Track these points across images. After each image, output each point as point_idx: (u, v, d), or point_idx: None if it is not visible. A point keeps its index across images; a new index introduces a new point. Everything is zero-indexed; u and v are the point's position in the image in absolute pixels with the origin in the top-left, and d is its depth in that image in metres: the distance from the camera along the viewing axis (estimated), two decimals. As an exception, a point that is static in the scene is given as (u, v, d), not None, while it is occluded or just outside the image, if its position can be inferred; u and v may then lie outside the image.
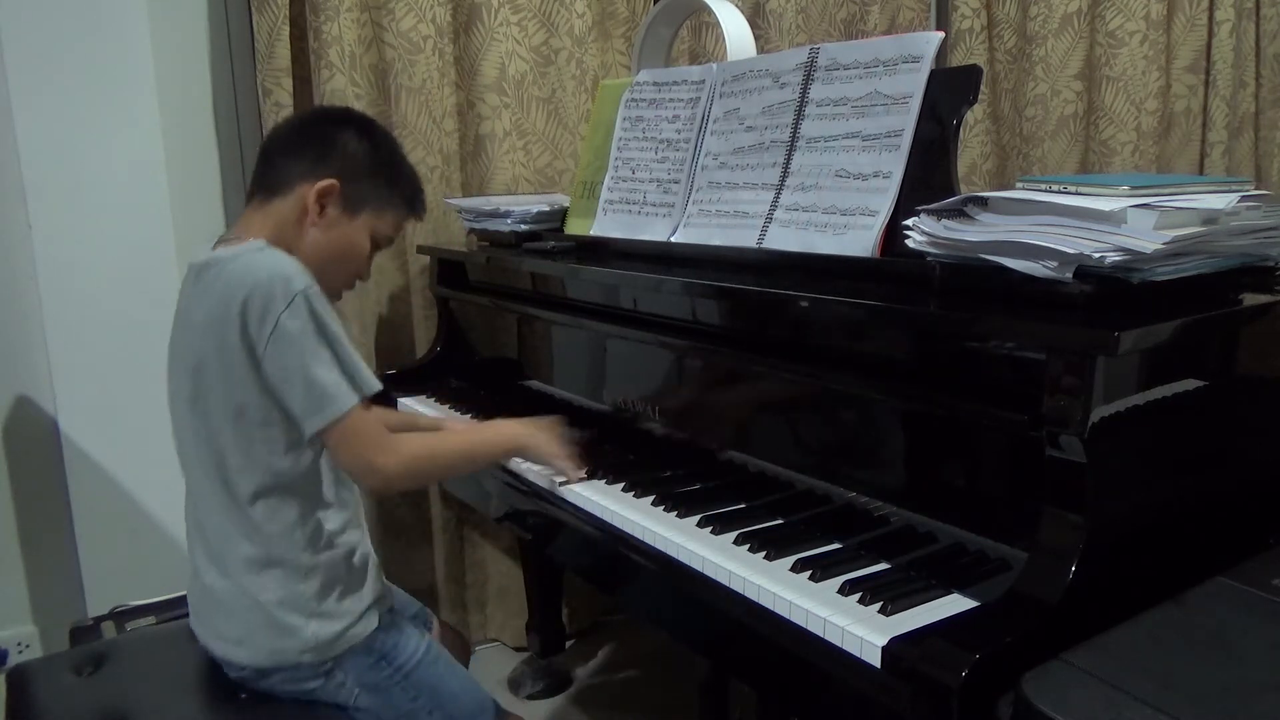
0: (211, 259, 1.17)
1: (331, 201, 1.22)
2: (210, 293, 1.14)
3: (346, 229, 1.24)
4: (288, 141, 1.26)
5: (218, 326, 1.11)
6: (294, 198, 1.21)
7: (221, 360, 1.12)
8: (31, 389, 1.93)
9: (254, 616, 1.16)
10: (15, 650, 1.96)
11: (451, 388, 1.91)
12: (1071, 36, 2.30)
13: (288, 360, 1.10)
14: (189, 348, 1.17)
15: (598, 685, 2.15)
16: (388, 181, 1.28)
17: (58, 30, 1.79)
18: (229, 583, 1.17)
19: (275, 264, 1.12)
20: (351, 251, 1.27)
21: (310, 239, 1.22)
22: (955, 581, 0.98)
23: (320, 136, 1.25)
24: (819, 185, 1.34)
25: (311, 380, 1.10)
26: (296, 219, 1.22)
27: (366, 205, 1.25)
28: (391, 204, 1.29)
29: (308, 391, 1.11)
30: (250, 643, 1.17)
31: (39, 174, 1.81)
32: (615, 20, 2.25)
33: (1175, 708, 0.71)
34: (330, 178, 1.21)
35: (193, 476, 1.21)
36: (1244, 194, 1.01)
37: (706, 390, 1.39)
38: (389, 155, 1.29)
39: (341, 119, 1.30)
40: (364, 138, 1.26)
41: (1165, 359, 0.95)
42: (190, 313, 1.17)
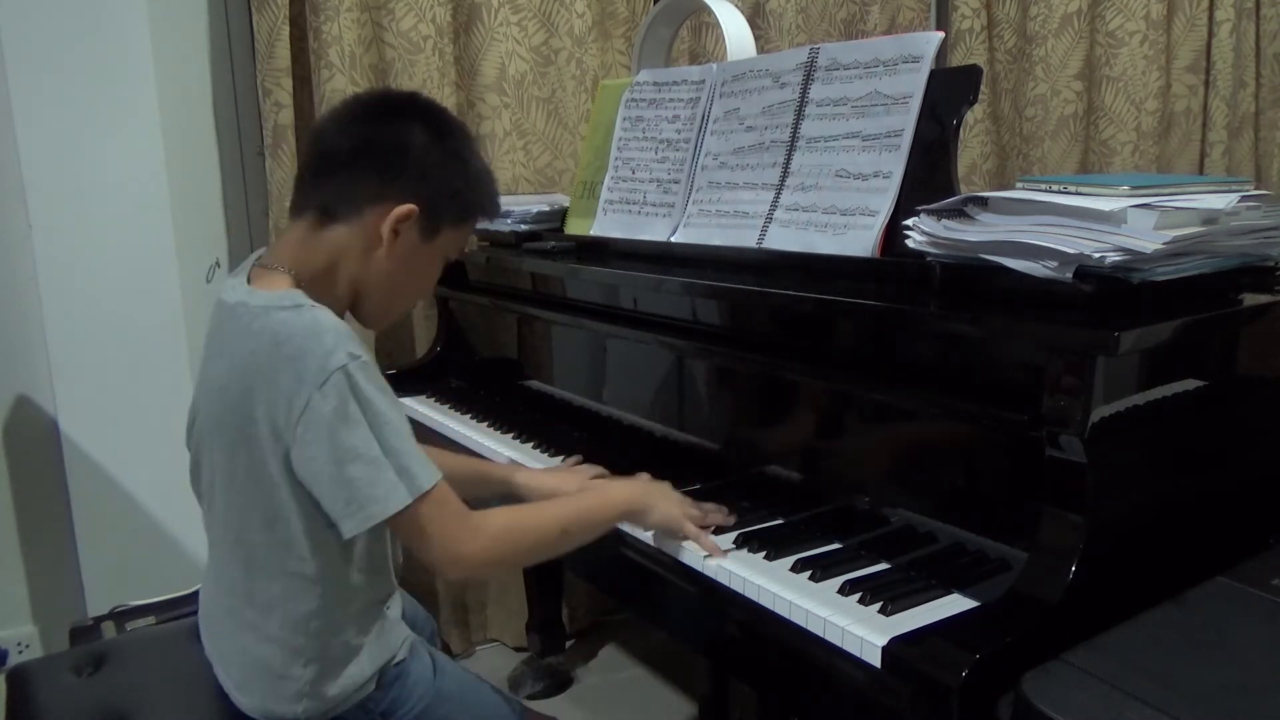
0: (241, 305, 1.01)
1: (407, 228, 1.04)
2: (236, 350, 0.99)
3: (420, 255, 1.07)
4: (346, 148, 1.04)
5: (244, 397, 0.97)
6: (361, 225, 1.03)
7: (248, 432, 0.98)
8: (31, 389, 1.93)
9: (253, 670, 1.07)
10: (15, 650, 1.96)
11: (451, 388, 1.91)
12: (1071, 36, 2.30)
13: (317, 450, 0.94)
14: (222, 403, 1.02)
15: (598, 685, 2.15)
16: (468, 194, 1.09)
17: (58, 30, 1.79)
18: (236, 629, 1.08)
19: (310, 332, 0.95)
20: (425, 276, 1.12)
21: (377, 268, 1.05)
22: (955, 581, 0.98)
23: (387, 143, 1.04)
24: (819, 185, 1.34)
25: (346, 477, 0.94)
26: (361, 248, 1.04)
27: (445, 225, 1.08)
28: (471, 217, 1.12)
29: (343, 486, 0.95)
30: (247, 690, 1.08)
31: (39, 174, 1.81)
32: (615, 20, 2.25)
33: (1175, 708, 0.71)
34: (406, 200, 1.02)
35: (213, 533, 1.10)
36: (1244, 194, 1.01)
37: (706, 390, 1.39)
38: (466, 159, 1.10)
39: (407, 112, 1.07)
40: (437, 138, 1.06)
41: (1165, 359, 0.95)
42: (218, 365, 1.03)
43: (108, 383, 1.89)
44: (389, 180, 1.02)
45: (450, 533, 1.00)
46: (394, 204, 1.02)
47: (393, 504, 0.95)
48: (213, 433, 1.03)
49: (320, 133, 1.09)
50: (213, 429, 1.03)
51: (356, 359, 0.95)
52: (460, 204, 1.08)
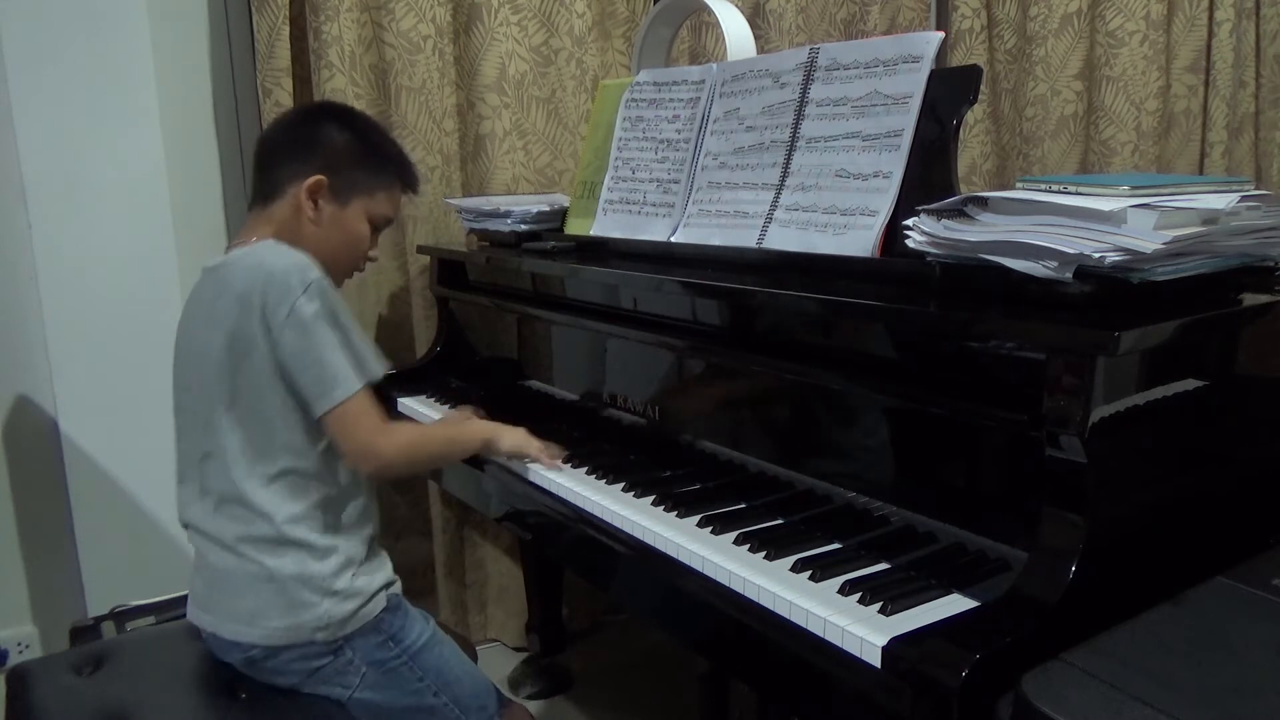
0: (226, 259, 1.24)
1: (322, 196, 1.29)
2: (228, 286, 1.19)
3: (342, 218, 1.31)
4: (275, 146, 1.33)
5: (237, 317, 1.17)
6: (288, 199, 1.28)
7: (242, 348, 1.18)
8: (31, 389, 1.93)
9: (268, 593, 1.19)
10: (15, 650, 1.96)
11: (451, 388, 1.91)
12: (1071, 36, 2.30)
13: (301, 344, 1.16)
14: (207, 338, 1.21)
15: (598, 685, 2.15)
16: (373, 163, 1.33)
17: (58, 30, 1.79)
18: (244, 561, 1.20)
19: (289, 256, 1.19)
20: (352, 238, 1.33)
21: (310, 235, 1.28)
22: (955, 581, 0.98)
23: (303, 135, 1.31)
24: (819, 185, 1.34)
25: (322, 363, 1.17)
26: (294, 219, 1.28)
27: (356, 191, 1.32)
28: (381, 184, 1.34)
29: (319, 375, 1.17)
30: (263, 620, 1.19)
31: (39, 174, 1.81)
32: (615, 20, 2.25)
33: (1175, 708, 0.71)
34: (317, 174, 1.27)
35: (202, 466, 1.23)
36: (1244, 194, 1.01)
37: (706, 390, 1.39)
38: (371, 138, 1.35)
39: (320, 114, 1.39)
40: (344, 127, 1.32)
41: (1165, 359, 0.95)
42: (207, 306, 1.23)
43: (108, 383, 1.89)
44: (305, 161, 1.28)
45: (374, 427, 1.21)
46: (308, 178, 1.27)
47: (351, 386, 1.18)
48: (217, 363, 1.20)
49: (259, 141, 1.38)
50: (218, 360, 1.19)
51: (324, 279, 1.19)
52: (365, 170, 1.32)
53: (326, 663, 1.22)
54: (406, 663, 1.26)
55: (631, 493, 1.31)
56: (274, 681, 1.23)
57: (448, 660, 1.31)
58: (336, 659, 1.22)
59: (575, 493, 1.34)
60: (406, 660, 1.26)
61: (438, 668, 1.29)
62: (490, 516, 1.79)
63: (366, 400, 1.20)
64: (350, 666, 1.23)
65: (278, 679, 1.23)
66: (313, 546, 1.20)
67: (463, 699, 1.30)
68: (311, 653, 1.21)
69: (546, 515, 1.40)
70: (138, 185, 1.89)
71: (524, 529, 1.62)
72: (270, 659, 1.21)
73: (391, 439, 1.24)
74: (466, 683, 1.32)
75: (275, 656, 1.21)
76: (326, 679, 1.22)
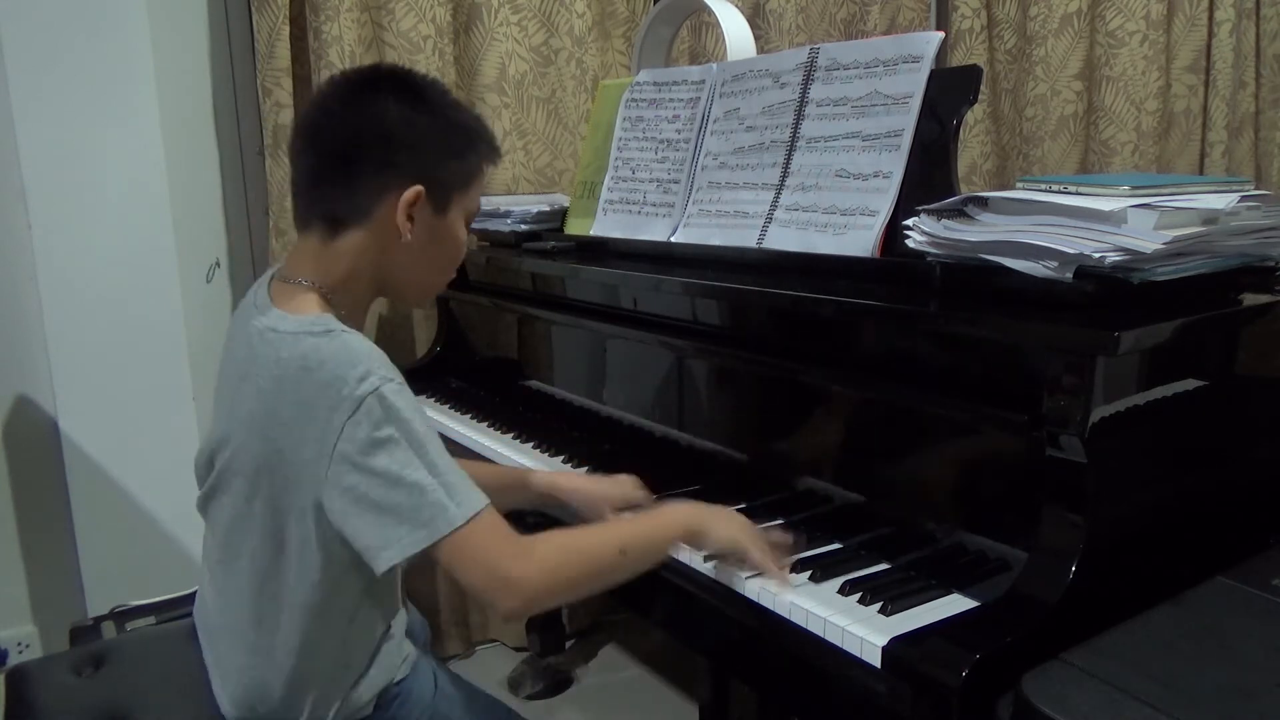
0: (270, 330, 0.96)
1: (419, 209, 1.00)
2: (264, 377, 0.95)
3: (441, 229, 1.03)
4: (335, 153, 0.99)
5: (273, 426, 0.94)
6: (373, 223, 0.99)
7: (274, 461, 0.95)
8: (31, 389, 1.93)
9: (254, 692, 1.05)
10: (15, 650, 1.96)
11: (452, 388, 1.91)
12: (1071, 36, 2.30)
13: (353, 480, 0.90)
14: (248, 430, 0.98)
15: (598, 685, 2.15)
16: (463, 148, 1.04)
17: (58, 30, 1.79)
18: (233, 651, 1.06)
19: (341, 358, 0.91)
20: (452, 248, 1.07)
21: (404, 257, 1.02)
22: (955, 581, 0.98)
23: (368, 133, 0.98)
24: (819, 185, 1.34)
25: (387, 504, 0.89)
26: (376, 246, 1.00)
27: (454, 190, 1.03)
28: (475, 171, 1.06)
29: (383, 513, 0.90)
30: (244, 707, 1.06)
31: (39, 174, 1.80)
32: (615, 20, 2.25)
33: (1175, 708, 0.71)
34: (407, 183, 0.98)
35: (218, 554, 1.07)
36: (1244, 194, 1.01)
37: (706, 390, 1.39)
38: (450, 114, 1.03)
39: (374, 91, 1.00)
40: (411, 107, 1.00)
41: (1165, 359, 0.95)
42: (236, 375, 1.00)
43: (108, 383, 1.89)
44: (384, 169, 0.98)
45: (501, 558, 0.92)
46: (398, 192, 0.98)
47: (440, 527, 0.89)
48: (237, 458, 0.99)
49: (303, 137, 1.03)
50: (237, 455, 0.99)
51: (390, 382, 0.91)
52: (461, 165, 1.04)
53: None
54: None
55: (631, 493, 1.31)
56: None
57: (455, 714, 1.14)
58: None
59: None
60: None
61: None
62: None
63: (480, 524, 0.91)
64: None
65: None
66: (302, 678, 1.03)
67: None
68: None
69: (546, 515, 1.40)
70: (138, 185, 1.88)
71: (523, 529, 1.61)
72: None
73: (532, 562, 0.93)
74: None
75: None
76: None
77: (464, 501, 0.91)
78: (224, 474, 1.02)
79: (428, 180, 0.99)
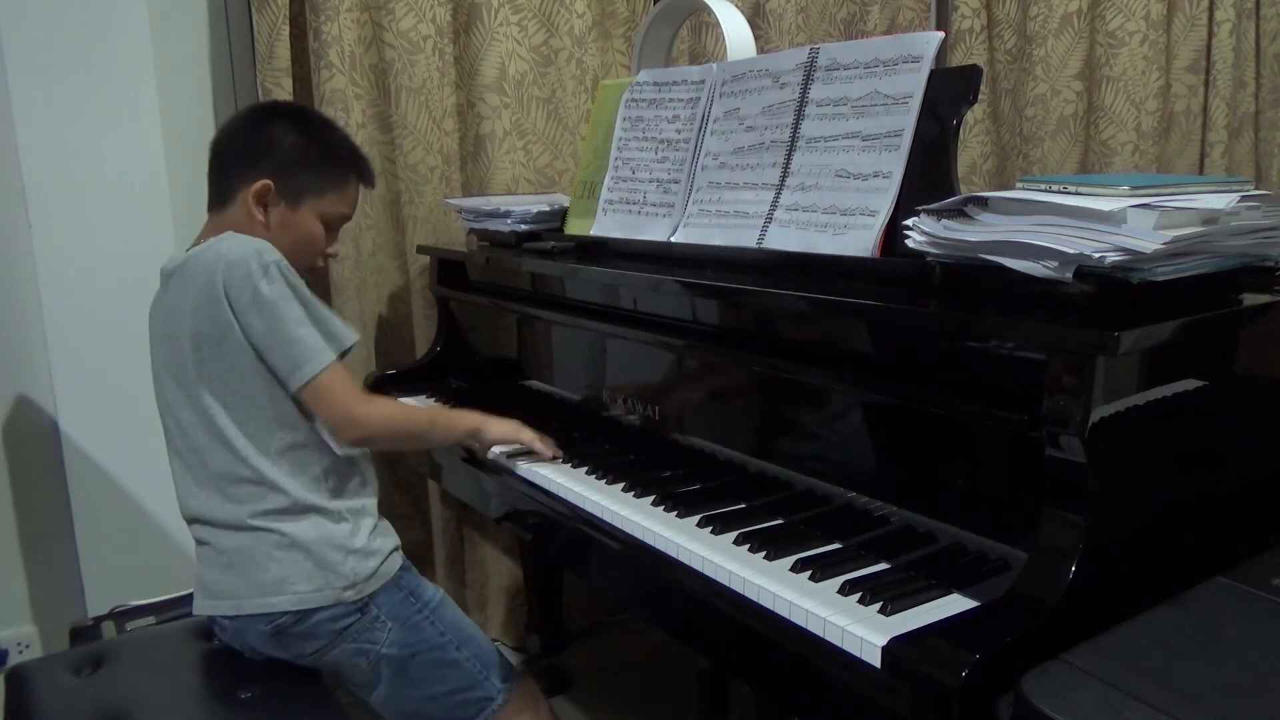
0: (184, 258, 1.27)
1: (271, 200, 1.29)
2: (193, 279, 1.22)
3: (293, 220, 1.32)
4: (225, 149, 1.33)
5: (207, 306, 1.20)
6: (239, 204, 1.29)
7: (216, 336, 1.21)
8: (31, 389, 1.93)
9: (294, 558, 1.23)
10: (15, 650, 1.96)
11: (451, 388, 1.91)
12: (1071, 36, 2.30)
13: (268, 325, 1.19)
14: (178, 336, 1.24)
15: (598, 685, 2.15)
16: (321, 164, 1.33)
17: (58, 30, 1.79)
18: (262, 535, 1.23)
19: (244, 242, 1.22)
20: (304, 239, 1.33)
21: (261, 236, 1.27)
22: (955, 581, 0.98)
23: (252, 138, 1.31)
24: (819, 185, 1.34)
25: (290, 341, 1.20)
26: (247, 222, 1.29)
27: (306, 193, 1.32)
28: (329, 184, 1.34)
29: (288, 352, 1.20)
30: (291, 585, 1.23)
31: (39, 174, 1.81)
32: (615, 20, 2.25)
33: (1175, 708, 0.71)
34: (264, 177, 1.28)
35: (201, 457, 1.26)
36: (1244, 194, 1.01)
37: (706, 391, 1.39)
38: (320, 137, 1.35)
39: (269, 114, 1.39)
40: (292, 128, 1.32)
41: (1165, 359, 0.95)
42: (175, 304, 1.25)
43: (108, 383, 1.89)
44: (252, 165, 1.28)
45: (352, 395, 1.26)
46: (253, 183, 1.28)
47: (323, 358, 1.21)
48: (194, 359, 1.23)
49: (213, 143, 1.36)
50: (193, 354, 1.23)
51: (282, 260, 1.21)
52: (313, 171, 1.32)
53: (354, 621, 1.25)
54: (428, 617, 1.31)
55: (631, 493, 1.31)
56: (300, 650, 1.25)
57: (463, 621, 1.37)
58: (363, 616, 1.26)
59: (575, 493, 1.34)
60: (428, 614, 1.31)
61: (456, 624, 1.34)
62: (490, 516, 1.79)
63: (341, 371, 1.24)
64: (377, 623, 1.27)
65: (306, 645, 1.25)
66: (328, 511, 1.26)
67: (483, 656, 1.35)
68: (340, 612, 1.24)
69: (546, 515, 1.40)
70: (138, 185, 1.88)
71: (524, 529, 1.62)
72: (300, 624, 1.23)
73: (371, 408, 1.28)
74: (484, 644, 1.37)
75: (305, 620, 1.23)
76: (354, 637, 1.26)
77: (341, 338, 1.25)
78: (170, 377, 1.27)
79: (279, 179, 1.29)
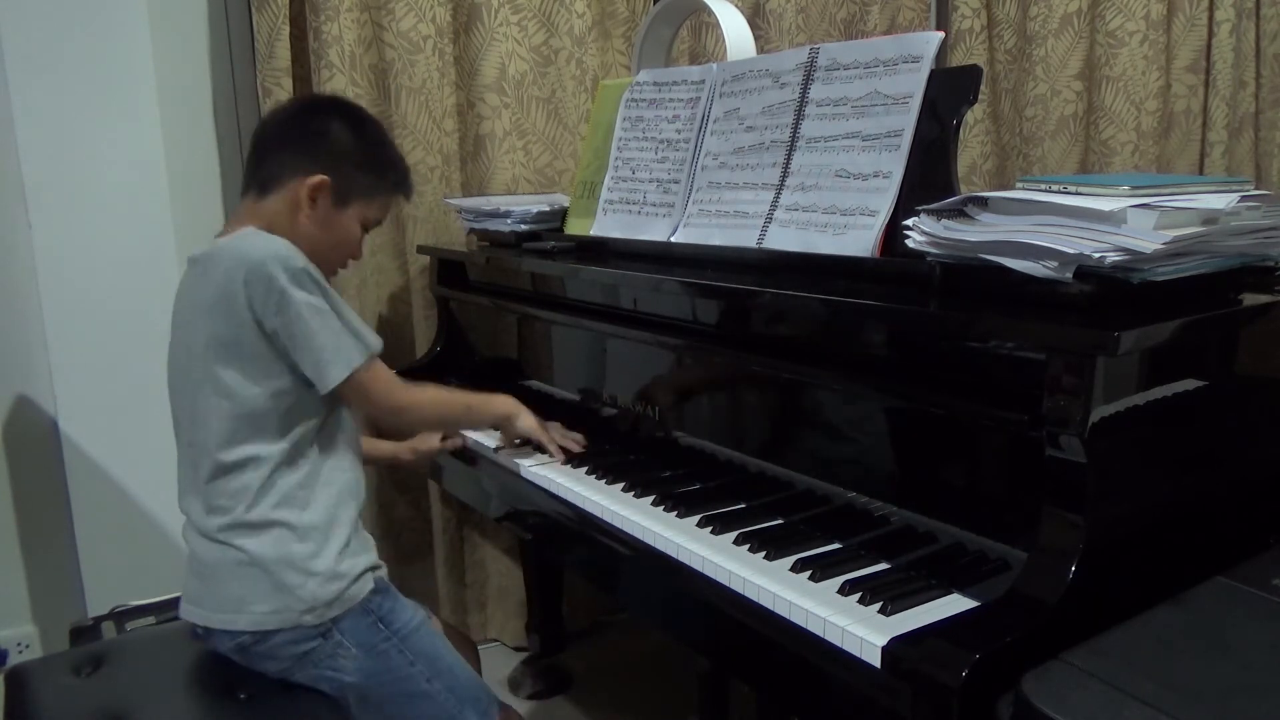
0: (210, 250, 1.23)
1: (322, 196, 1.28)
2: (212, 275, 1.20)
3: (338, 220, 1.31)
4: (278, 136, 1.31)
5: (225, 304, 1.18)
6: (286, 193, 1.27)
7: (227, 338, 1.19)
8: (31, 389, 1.93)
9: (252, 578, 1.19)
10: (15, 650, 1.96)
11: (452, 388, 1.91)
12: (1071, 36, 2.30)
13: (297, 327, 1.17)
14: (196, 328, 1.22)
15: (598, 685, 2.15)
16: (375, 171, 1.33)
17: (58, 30, 1.79)
18: (226, 550, 1.20)
19: (271, 243, 1.19)
20: (343, 240, 1.33)
21: (303, 230, 1.27)
22: (955, 581, 0.98)
23: (309, 130, 1.29)
24: (819, 185, 1.34)
25: (323, 346, 1.19)
26: (288, 213, 1.27)
27: (356, 196, 1.31)
28: (380, 191, 1.35)
29: (319, 357, 1.19)
30: (250, 605, 1.19)
31: (39, 174, 1.81)
32: (615, 20, 2.25)
33: (1175, 708, 0.71)
34: (321, 173, 1.26)
35: (194, 451, 1.24)
36: (1244, 194, 1.01)
37: (706, 390, 1.39)
38: (376, 145, 1.35)
39: (329, 109, 1.35)
40: (352, 129, 1.31)
41: (1165, 359, 0.95)
42: (194, 296, 1.23)
43: (108, 383, 1.89)
44: (309, 157, 1.27)
45: (393, 384, 1.29)
46: (311, 175, 1.26)
47: (359, 356, 1.21)
48: (201, 355, 1.21)
49: (260, 128, 1.36)
50: (202, 352, 1.20)
51: (310, 263, 1.19)
52: (367, 176, 1.32)
53: (315, 645, 1.21)
54: (397, 645, 1.25)
55: (631, 493, 1.31)
56: (266, 669, 1.22)
57: (440, 650, 1.30)
58: (326, 641, 1.21)
59: (575, 493, 1.34)
60: (397, 642, 1.25)
61: (430, 655, 1.27)
62: (490, 516, 1.79)
63: (379, 363, 1.26)
64: (340, 649, 1.22)
65: (269, 665, 1.22)
66: (293, 527, 1.21)
67: (457, 689, 1.28)
68: (300, 636, 1.20)
69: (546, 515, 1.40)
70: (138, 185, 1.88)
71: (524, 529, 1.62)
72: (260, 644, 1.20)
73: (415, 392, 1.34)
74: (461, 674, 1.30)
75: (265, 641, 1.20)
76: (317, 662, 1.22)
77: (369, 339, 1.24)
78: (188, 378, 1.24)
79: (335, 177, 1.28)
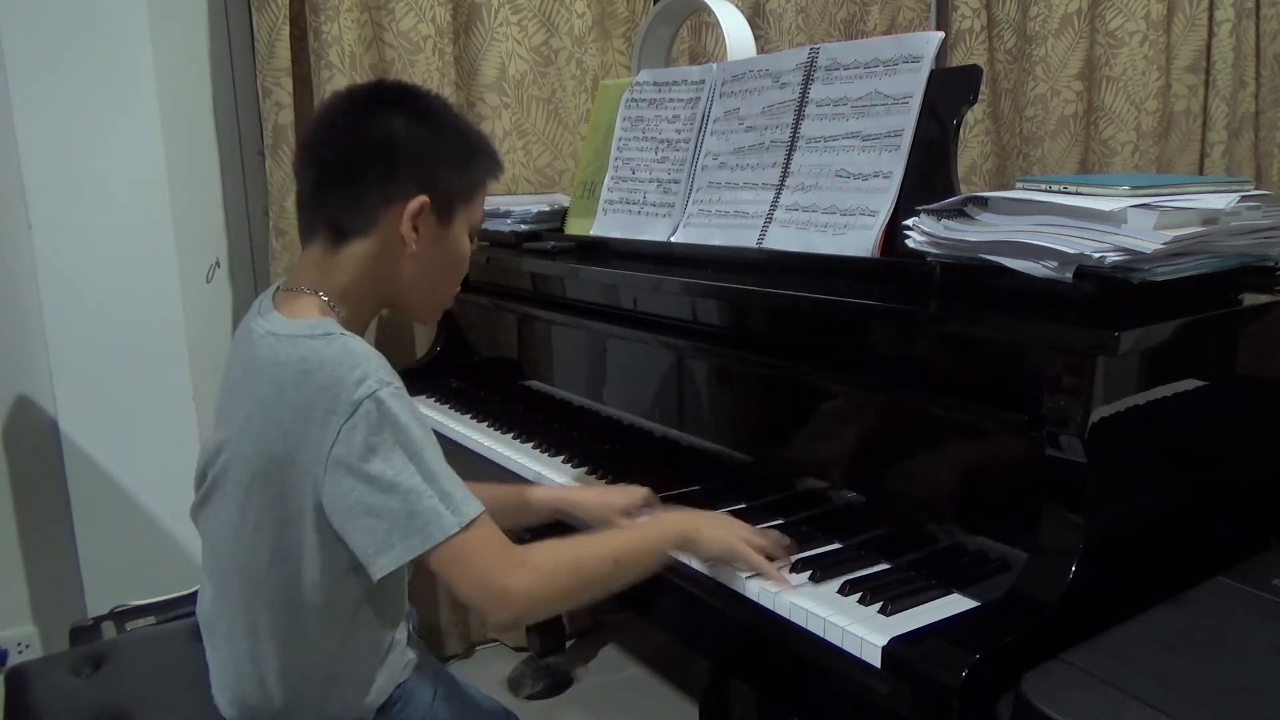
0: (271, 335, 0.96)
1: (424, 219, 1.00)
2: (262, 381, 0.94)
3: (446, 240, 1.03)
4: (341, 163, 0.99)
5: (271, 429, 0.93)
6: (378, 234, 0.99)
7: (271, 466, 0.94)
8: (31, 389, 1.93)
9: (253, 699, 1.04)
10: (15, 650, 1.96)
11: (452, 388, 1.91)
12: (1071, 36, 2.30)
13: (349, 485, 0.89)
14: (244, 435, 0.97)
15: (598, 685, 2.15)
16: (467, 162, 1.04)
17: (58, 30, 1.79)
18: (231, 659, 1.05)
19: (340, 360, 0.91)
20: (457, 262, 1.07)
21: (409, 268, 1.01)
22: (955, 581, 0.98)
23: (372, 141, 0.99)
24: (819, 185, 1.34)
25: (382, 509, 0.89)
26: (384, 256, 1.00)
27: (458, 202, 1.04)
28: (479, 186, 1.07)
29: (379, 519, 0.89)
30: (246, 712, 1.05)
31: (39, 174, 1.80)
32: (615, 20, 2.25)
33: (1175, 708, 0.71)
34: (413, 194, 0.98)
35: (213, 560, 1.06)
36: (1244, 194, 1.01)
37: (706, 390, 1.39)
38: (455, 130, 1.05)
39: (374, 104, 1.02)
40: (421, 119, 1.01)
41: (1165, 359, 0.95)
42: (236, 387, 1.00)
43: (108, 383, 1.89)
44: (390, 180, 0.98)
45: (495, 567, 0.91)
46: (403, 202, 0.98)
47: (434, 534, 0.88)
48: (233, 464, 0.98)
49: (308, 150, 1.04)
50: (233, 460, 0.98)
51: (388, 385, 0.90)
52: (464, 176, 1.04)
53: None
54: None
55: (631, 493, 1.30)
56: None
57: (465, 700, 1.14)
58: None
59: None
60: None
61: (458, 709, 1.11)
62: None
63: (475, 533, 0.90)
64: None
65: None
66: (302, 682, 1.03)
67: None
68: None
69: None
70: (138, 185, 1.88)
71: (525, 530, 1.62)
72: None
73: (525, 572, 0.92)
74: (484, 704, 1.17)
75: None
76: None
77: (459, 509, 0.90)
78: (218, 480, 1.01)
79: (432, 191, 1.00)
